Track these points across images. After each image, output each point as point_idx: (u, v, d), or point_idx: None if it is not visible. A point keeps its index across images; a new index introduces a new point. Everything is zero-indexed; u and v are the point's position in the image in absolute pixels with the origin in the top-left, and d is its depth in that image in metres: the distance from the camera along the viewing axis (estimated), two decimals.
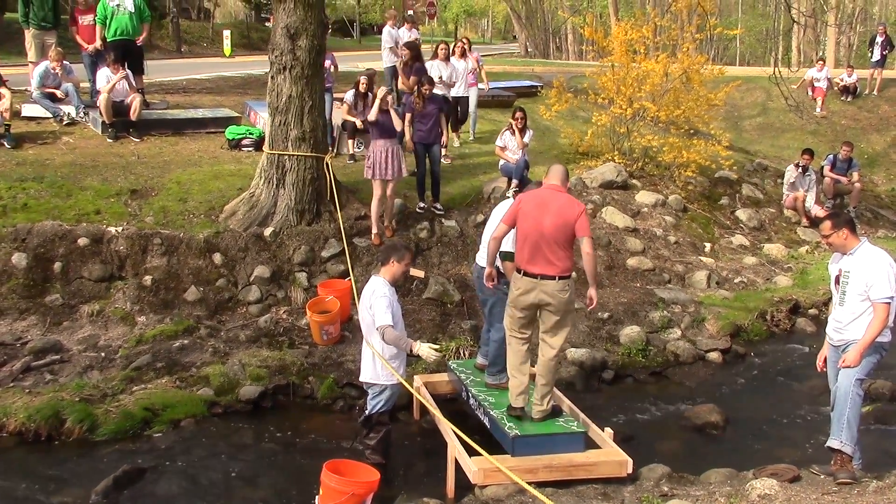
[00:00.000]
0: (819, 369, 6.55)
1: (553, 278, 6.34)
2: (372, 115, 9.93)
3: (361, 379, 6.76)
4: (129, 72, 12.63)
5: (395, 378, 6.51)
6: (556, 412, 6.85)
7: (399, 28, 15.05)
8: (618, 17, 34.70)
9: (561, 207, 6.37)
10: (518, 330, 6.68)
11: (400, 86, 12.63)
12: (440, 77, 12.65)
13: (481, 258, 7.17)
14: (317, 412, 8.09)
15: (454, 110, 13.38)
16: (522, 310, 6.55)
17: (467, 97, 13.84)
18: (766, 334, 10.37)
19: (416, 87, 11.02)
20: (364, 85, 11.55)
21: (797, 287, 11.46)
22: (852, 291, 6.02)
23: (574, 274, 6.61)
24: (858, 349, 5.92)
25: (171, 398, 7.85)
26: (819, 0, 37.73)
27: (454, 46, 14.05)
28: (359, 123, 11.76)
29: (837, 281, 6.17)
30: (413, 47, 12.88)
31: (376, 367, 6.54)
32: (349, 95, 11.90)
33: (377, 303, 6.33)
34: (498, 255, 6.85)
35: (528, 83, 19.26)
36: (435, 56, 13.11)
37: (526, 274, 6.41)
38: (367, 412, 6.66)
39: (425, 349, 6.27)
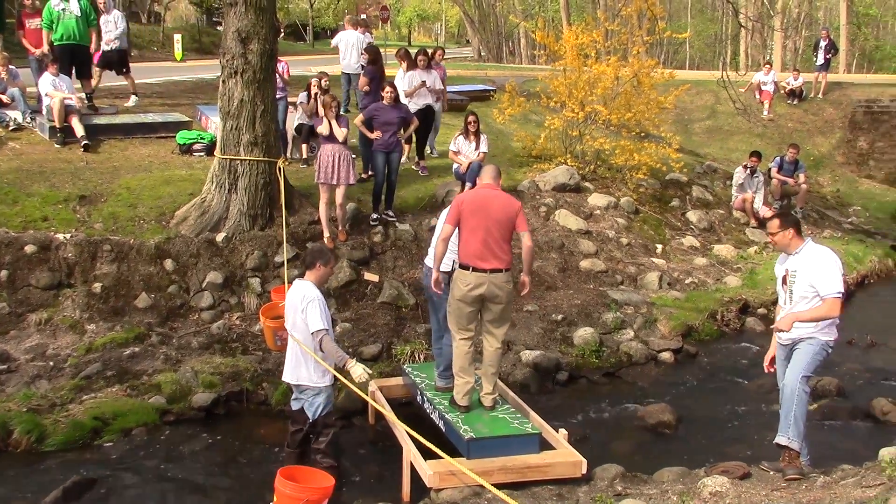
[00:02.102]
0: (766, 370, 6.68)
1: (501, 271, 6.69)
2: (324, 129, 9.90)
3: (290, 381, 6.62)
4: (66, 77, 12.43)
5: (327, 380, 6.46)
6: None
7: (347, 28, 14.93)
8: (569, 21, 35.00)
9: (502, 204, 6.79)
10: (465, 327, 6.86)
11: (362, 84, 12.51)
12: (423, 82, 12.58)
13: (430, 260, 7.21)
14: (271, 418, 8.03)
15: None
16: (470, 304, 6.77)
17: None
18: (717, 334, 10.54)
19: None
20: (316, 87, 11.71)
21: (746, 287, 11.67)
22: (799, 290, 6.12)
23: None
24: (793, 318, 6.00)
25: (122, 407, 7.74)
26: (766, 5, 38.44)
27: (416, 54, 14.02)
28: (307, 117, 11.84)
29: (784, 281, 6.28)
30: (371, 51, 12.83)
31: (309, 369, 6.47)
32: (302, 97, 12.00)
33: (310, 307, 6.28)
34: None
35: (481, 87, 19.35)
36: (414, 66, 12.81)
37: (475, 269, 6.66)
38: (309, 419, 6.59)
39: (359, 370, 6.18)
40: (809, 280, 6.04)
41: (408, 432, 6.33)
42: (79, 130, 12.08)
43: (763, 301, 11.21)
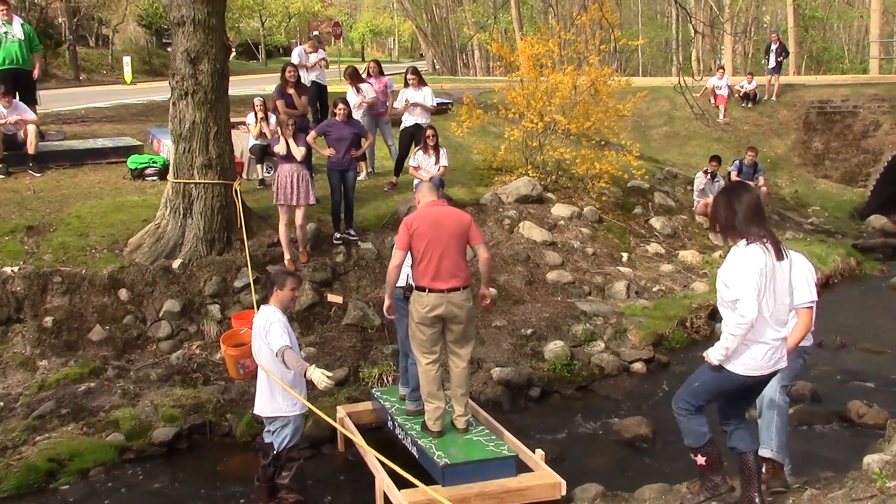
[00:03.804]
0: None
1: (458, 289, 6.48)
2: (282, 148, 9.64)
3: (259, 413, 6.39)
4: (21, 103, 12.06)
5: (297, 409, 6.21)
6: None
7: (310, 53, 14.67)
8: (522, 32, 35.05)
9: (453, 220, 6.58)
10: (429, 350, 6.63)
11: (281, 109, 11.78)
12: (407, 101, 12.48)
13: (402, 280, 6.98)
14: (236, 450, 7.73)
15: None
16: (431, 326, 6.55)
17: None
18: (687, 341, 10.43)
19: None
20: (260, 106, 11.70)
21: (714, 292, 11.41)
22: None
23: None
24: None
25: (78, 446, 7.39)
26: (715, 10, 38.89)
27: (367, 68, 13.88)
28: (267, 132, 11.68)
29: None
30: (295, 67, 12.57)
31: (276, 399, 6.21)
32: (250, 118, 11.89)
33: (272, 329, 6.06)
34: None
35: (438, 100, 19.14)
36: (406, 84, 12.67)
37: (431, 290, 6.44)
38: (274, 451, 6.32)
39: (318, 375, 5.89)
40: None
41: (379, 459, 6.07)
42: (31, 149, 11.82)
43: None
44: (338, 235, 10.60)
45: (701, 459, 5.29)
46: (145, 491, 7.01)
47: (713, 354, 5.01)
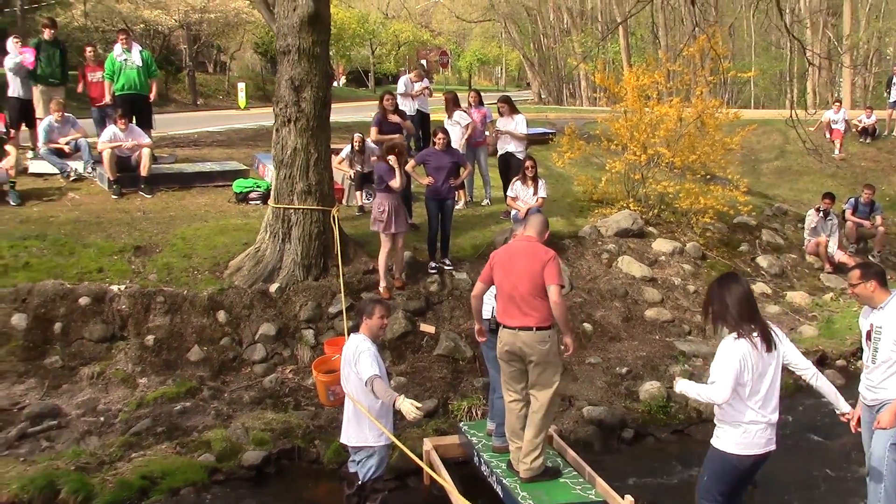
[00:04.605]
0: (853, 430, 6.15)
1: (530, 329, 6.26)
2: (397, 183, 9.70)
3: (345, 441, 6.37)
4: (136, 127, 12.57)
5: (383, 440, 6.15)
6: (549, 472, 6.62)
7: (415, 82, 14.87)
8: (630, 62, 34.67)
9: (529, 257, 6.35)
10: (512, 388, 6.55)
11: (373, 136, 12.08)
12: (498, 130, 12.76)
13: (488, 312, 6.90)
14: (323, 477, 7.72)
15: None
16: (509, 363, 6.47)
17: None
18: (793, 388, 9.87)
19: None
20: (358, 143, 11.91)
21: (823, 337, 11.05)
22: (885, 348, 5.67)
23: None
24: (893, 409, 5.55)
25: (171, 465, 7.50)
26: (833, 42, 37.62)
27: (468, 97, 13.94)
28: (352, 173, 12.04)
29: (869, 337, 5.82)
30: (393, 95, 12.78)
31: (363, 429, 6.16)
32: (346, 151, 12.11)
33: (361, 357, 6.01)
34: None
35: (540, 130, 19.07)
36: (500, 114, 12.91)
37: (505, 327, 6.37)
38: (359, 481, 6.27)
39: (407, 405, 5.79)
40: (895, 338, 5.57)
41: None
42: (144, 171, 12.29)
43: (842, 352, 10.58)
44: (433, 264, 10.59)
45: None
46: None
47: (681, 386, 5.42)
